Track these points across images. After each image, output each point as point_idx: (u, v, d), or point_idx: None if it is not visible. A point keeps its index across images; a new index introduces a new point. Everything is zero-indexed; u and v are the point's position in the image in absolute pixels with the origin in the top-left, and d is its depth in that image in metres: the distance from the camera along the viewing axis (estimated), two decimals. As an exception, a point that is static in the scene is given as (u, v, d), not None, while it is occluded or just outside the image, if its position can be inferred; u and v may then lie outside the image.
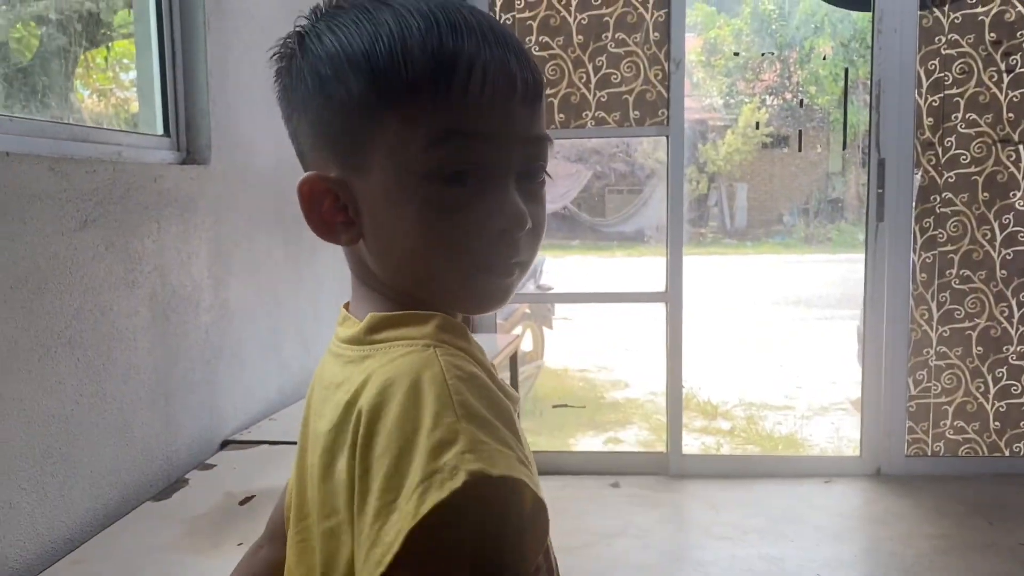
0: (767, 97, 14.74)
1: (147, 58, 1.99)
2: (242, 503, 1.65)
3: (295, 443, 0.76)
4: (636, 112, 3.38)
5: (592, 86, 3.38)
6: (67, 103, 1.99)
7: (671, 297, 3.48)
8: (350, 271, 0.75)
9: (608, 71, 3.37)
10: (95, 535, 1.54)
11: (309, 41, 0.69)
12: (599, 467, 3.63)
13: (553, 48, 3.38)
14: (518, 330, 5.39)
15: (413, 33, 0.66)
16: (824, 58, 13.18)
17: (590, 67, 3.38)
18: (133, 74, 2.40)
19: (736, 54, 14.76)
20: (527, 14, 3.37)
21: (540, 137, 0.71)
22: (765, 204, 16.24)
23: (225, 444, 2.05)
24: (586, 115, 3.40)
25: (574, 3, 3.36)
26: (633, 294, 4.82)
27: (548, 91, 3.36)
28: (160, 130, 1.98)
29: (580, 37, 3.37)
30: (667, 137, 3.39)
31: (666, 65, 3.35)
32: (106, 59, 2.34)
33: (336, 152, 0.69)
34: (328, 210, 0.70)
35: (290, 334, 2.52)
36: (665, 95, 3.36)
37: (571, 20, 3.37)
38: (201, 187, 1.99)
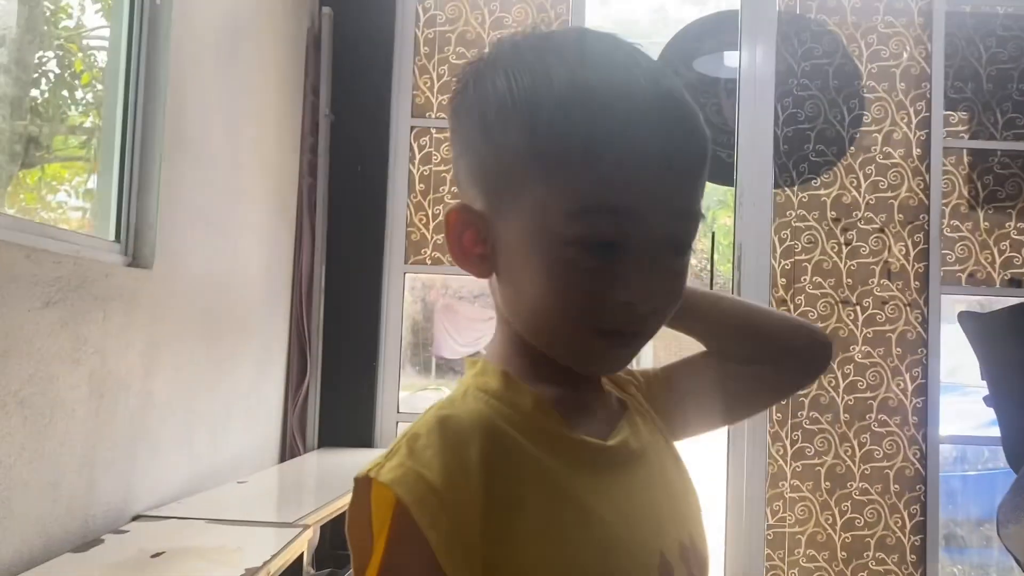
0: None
1: (108, 177, 2.34)
2: (153, 556, 1.89)
3: (202, 519, 1.01)
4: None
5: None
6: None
7: None
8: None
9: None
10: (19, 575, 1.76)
11: (484, 78, 0.72)
12: None
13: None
14: None
15: (577, 102, 0.67)
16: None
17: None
18: (61, 196, 2.76)
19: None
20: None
21: (692, 214, 0.70)
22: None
23: (136, 517, 2.27)
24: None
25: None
26: None
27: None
28: (112, 237, 2.31)
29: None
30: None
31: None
32: (39, 180, 2.68)
33: (485, 191, 0.72)
34: (469, 240, 0.74)
35: (202, 431, 2.77)
36: None
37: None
38: (142, 287, 2.30)
